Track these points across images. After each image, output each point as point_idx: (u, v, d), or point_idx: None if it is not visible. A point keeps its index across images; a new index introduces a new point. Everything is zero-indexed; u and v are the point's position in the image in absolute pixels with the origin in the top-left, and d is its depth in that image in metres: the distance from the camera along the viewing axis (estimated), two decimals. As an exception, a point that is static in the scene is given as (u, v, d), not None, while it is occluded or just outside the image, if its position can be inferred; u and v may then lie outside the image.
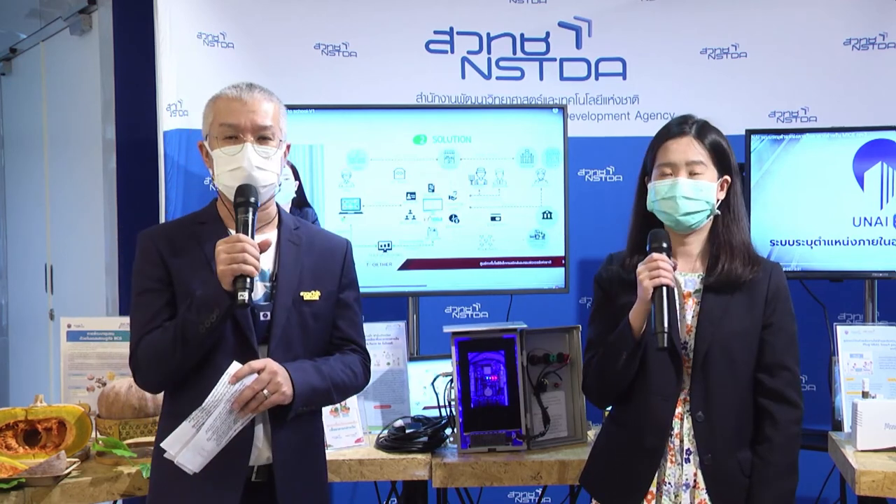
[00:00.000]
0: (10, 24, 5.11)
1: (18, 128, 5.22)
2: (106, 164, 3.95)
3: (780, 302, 2.14)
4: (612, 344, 2.14)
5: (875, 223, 3.19)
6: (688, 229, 2.14)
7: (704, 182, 2.11)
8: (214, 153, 2.03)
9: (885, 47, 3.61)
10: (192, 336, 1.93)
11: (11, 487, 2.27)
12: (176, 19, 3.36)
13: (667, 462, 2.12)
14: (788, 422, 2.10)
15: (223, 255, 1.91)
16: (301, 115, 3.17)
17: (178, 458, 1.91)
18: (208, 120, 2.07)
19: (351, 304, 2.21)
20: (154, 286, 2.02)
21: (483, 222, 3.25)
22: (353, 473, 2.59)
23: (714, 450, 2.09)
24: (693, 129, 2.13)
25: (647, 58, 3.70)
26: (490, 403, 2.67)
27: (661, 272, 2.03)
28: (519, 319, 3.06)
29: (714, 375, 2.09)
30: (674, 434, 2.12)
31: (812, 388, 3.58)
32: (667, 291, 2.04)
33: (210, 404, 1.92)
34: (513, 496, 3.80)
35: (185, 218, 2.19)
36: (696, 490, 2.10)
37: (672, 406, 2.12)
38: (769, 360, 2.12)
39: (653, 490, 2.13)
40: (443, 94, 3.67)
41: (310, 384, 2.03)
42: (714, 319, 2.10)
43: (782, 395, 2.11)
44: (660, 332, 2.01)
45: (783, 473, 2.09)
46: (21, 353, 5.23)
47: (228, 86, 2.08)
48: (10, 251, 5.37)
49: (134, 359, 2.04)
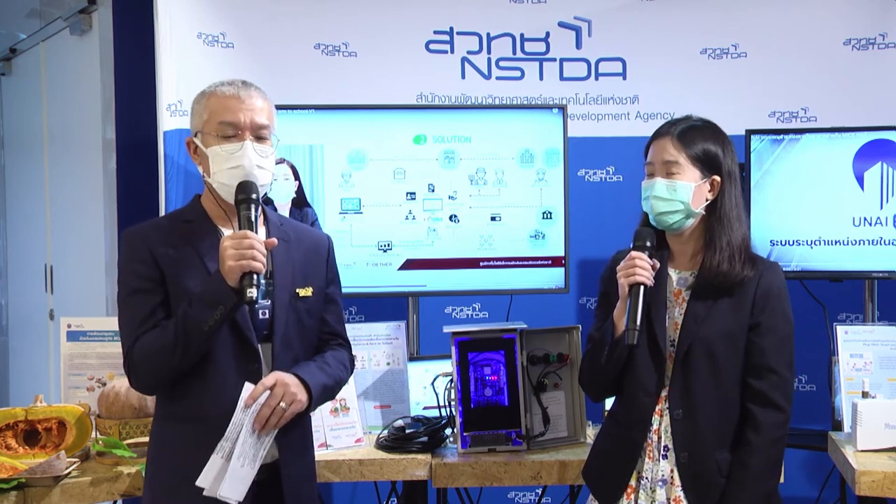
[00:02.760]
0: (10, 24, 5.11)
1: (18, 128, 5.22)
2: (106, 164, 3.95)
3: (771, 303, 2.11)
4: (598, 339, 2.19)
5: (875, 223, 3.19)
6: (669, 229, 2.15)
7: (680, 183, 2.10)
8: (211, 150, 2.00)
9: (885, 47, 3.61)
10: (194, 334, 1.91)
11: (11, 487, 2.27)
12: (176, 19, 3.36)
13: (646, 457, 2.14)
14: (771, 426, 2.07)
15: (231, 251, 1.88)
16: (301, 115, 3.17)
17: (220, 492, 1.88)
18: (201, 117, 2.03)
19: (336, 299, 2.22)
20: (145, 286, 1.98)
21: (483, 222, 3.25)
22: (353, 473, 2.59)
23: (691, 448, 2.09)
24: (676, 130, 2.13)
25: (647, 58, 3.70)
26: (490, 403, 2.67)
27: (637, 270, 2.07)
28: (519, 319, 3.06)
29: (695, 374, 2.10)
30: (652, 430, 2.14)
31: (812, 388, 3.58)
32: (643, 290, 2.07)
33: (232, 432, 1.91)
34: (513, 496, 3.80)
35: (169, 216, 2.16)
36: (672, 487, 2.11)
37: (653, 402, 2.14)
38: (757, 362, 2.10)
39: (632, 484, 2.15)
40: (443, 94, 3.67)
41: (321, 384, 2.04)
42: (698, 319, 2.11)
43: (768, 399, 2.08)
44: (631, 328, 2.05)
45: (760, 476, 2.07)
46: (21, 353, 5.22)
47: (220, 82, 2.05)
48: (10, 251, 5.37)
49: (129, 361, 1.98)
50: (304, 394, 1.98)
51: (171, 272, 1.98)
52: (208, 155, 2.01)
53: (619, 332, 2.12)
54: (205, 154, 2.02)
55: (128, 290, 2.00)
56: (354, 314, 3.63)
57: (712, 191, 2.14)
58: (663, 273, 2.18)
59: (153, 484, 2.07)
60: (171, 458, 2.03)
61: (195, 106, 2.07)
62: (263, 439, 1.94)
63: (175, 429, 2.02)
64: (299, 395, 1.97)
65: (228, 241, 1.90)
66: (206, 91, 2.06)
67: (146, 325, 1.97)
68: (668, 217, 2.12)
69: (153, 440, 2.09)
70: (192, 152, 2.07)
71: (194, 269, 1.98)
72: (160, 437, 2.07)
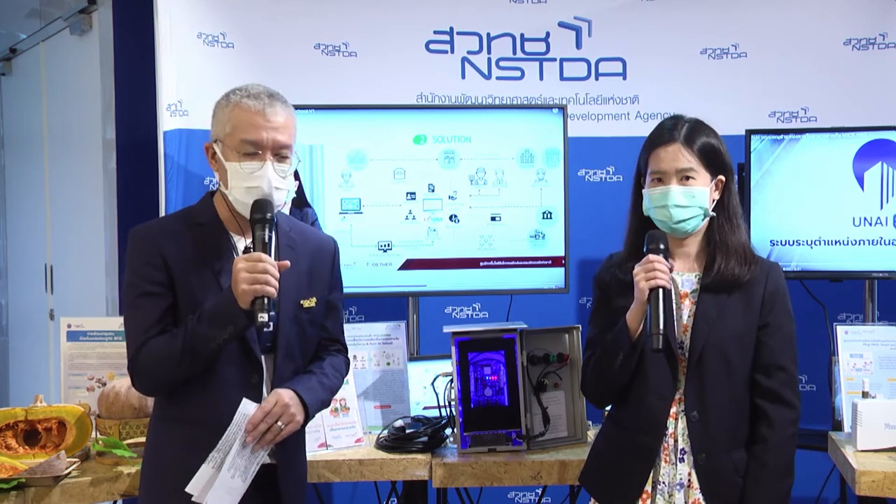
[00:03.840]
0: (10, 24, 5.11)
1: (18, 128, 5.22)
2: (106, 164, 3.95)
3: (778, 302, 2.13)
4: (610, 344, 2.14)
5: (875, 223, 3.19)
6: (684, 234, 2.14)
7: (697, 188, 2.09)
8: (230, 166, 1.97)
9: (885, 47, 3.61)
10: (202, 349, 1.91)
11: (11, 487, 2.27)
12: (176, 19, 3.36)
13: (661, 461, 2.13)
14: (784, 422, 2.09)
15: (244, 275, 1.86)
16: (301, 115, 3.11)
17: (208, 499, 1.90)
18: (224, 128, 1.99)
19: (337, 306, 2.22)
20: (154, 290, 1.96)
21: (483, 222, 3.25)
22: (353, 473, 2.59)
23: (708, 450, 2.09)
24: (682, 135, 2.11)
25: (647, 58, 3.69)
26: (490, 403, 2.67)
27: (658, 273, 2.03)
28: (519, 319, 3.06)
29: (709, 375, 2.09)
30: (668, 434, 2.12)
31: (812, 388, 3.58)
32: (663, 293, 2.03)
33: (225, 444, 1.92)
34: (513, 496, 3.80)
35: (178, 215, 2.11)
36: (690, 490, 2.10)
37: (667, 406, 2.12)
38: (766, 360, 2.11)
39: (648, 489, 2.13)
40: (443, 94, 3.67)
41: (318, 400, 2.06)
42: (709, 320, 2.10)
43: (779, 396, 2.10)
44: (655, 333, 2.00)
45: (778, 474, 2.08)
46: (21, 353, 5.22)
47: (246, 91, 1.99)
48: (10, 251, 5.37)
49: (134, 363, 1.97)
50: (301, 414, 2.00)
51: (182, 278, 1.96)
52: (227, 169, 1.98)
53: (633, 336, 2.08)
54: (223, 166, 1.99)
55: (136, 293, 1.97)
56: (354, 314, 3.63)
57: (718, 190, 2.15)
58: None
59: (149, 484, 2.08)
60: (166, 458, 2.03)
61: (218, 111, 2.02)
62: (257, 454, 1.95)
63: (172, 430, 2.03)
64: (298, 416, 1.98)
65: (242, 262, 1.87)
66: (232, 99, 2.00)
67: (154, 329, 1.95)
68: (687, 223, 2.11)
69: (150, 439, 2.09)
70: (210, 158, 2.04)
71: (205, 278, 1.97)
72: (156, 437, 2.07)
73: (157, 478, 2.04)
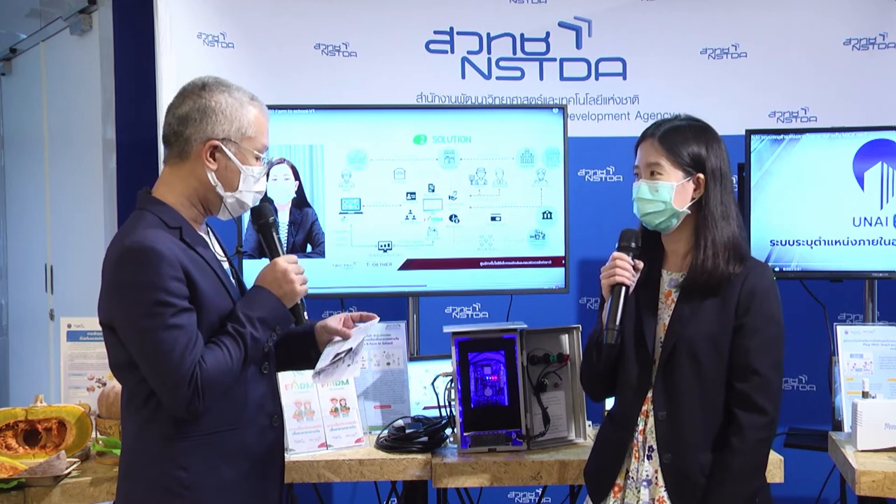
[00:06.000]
0: (10, 24, 5.11)
1: (18, 128, 5.22)
2: (106, 164, 3.95)
3: (755, 304, 2.08)
4: (589, 340, 2.26)
5: (875, 223, 3.19)
6: (657, 229, 2.16)
7: (661, 183, 2.11)
8: (247, 169, 1.93)
9: (885, 47, 3.61)
10: (255, 355, 1.92)
11: (11, 487, 2.28)
12: (176, 19, 3.36)
13: (631, 457, 2.16)
14: (753, 428, 2.05)
15: (295, 276, 1.95)
16: (301, 115, 3.17)
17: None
18: (244, 129, 1.92)
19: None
20: (187, 305, 1.84)
21: (483, 222, 3.24)
22: (353, 473, 2.59)
23: (675, 450, 2.09)
24: (659, 132, 2.14)
25: (647, 58, 3.70)
26: (490, 403, 2.67)
27: (618, 271, 2.12)
28: (519, 319, 3.06)
29: (678, 375, 2.10)
30: (638, 430, 2.15)
31: (812, 388, 3.59)
32: (624, 291, 2.11)
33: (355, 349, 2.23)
34: (513, 496, 3.80)
35: (152, 221, 1.89)
36: (656, 487, 2.11)
37: (639, 403, 2.15)
38: (739, 363, 2.07)
39: (620, 483, 2.17)
40: (443, 94, 3.67)
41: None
42: (683, 319, 2.11)
43: (751, 401, 2.05)
44: (610, 328, 2.09)
45: (742, 478, 2.05)
46: (21, 353, 5.22)
47: (250, 94, 1.96)
48: (10, 251, 5.37)
49: (191, 386, 1.80)
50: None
51: (200, 286, 1.87)
52: (240, 171, 1.92)
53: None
54: (234, 167, 1.92)
55: (173, 311, 1.81)
56: (354, 314, 3.62)
57: (698, 189, 2.13)
58: (656, 274, 2.19)
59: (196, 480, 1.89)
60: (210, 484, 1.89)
61: (233, 111, 1.91)
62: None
63: (195, 447, 1.88)
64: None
65: (288, 264, 1.96)
66: (252, 100, 1.95)
67: (199, 346, 1.85)
68: (653, 217, 2.14)
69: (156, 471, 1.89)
70: (208, 155, 1.90)
71: (213, 282, 1.92)
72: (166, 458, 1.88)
73: (211, 475, 1.89)
